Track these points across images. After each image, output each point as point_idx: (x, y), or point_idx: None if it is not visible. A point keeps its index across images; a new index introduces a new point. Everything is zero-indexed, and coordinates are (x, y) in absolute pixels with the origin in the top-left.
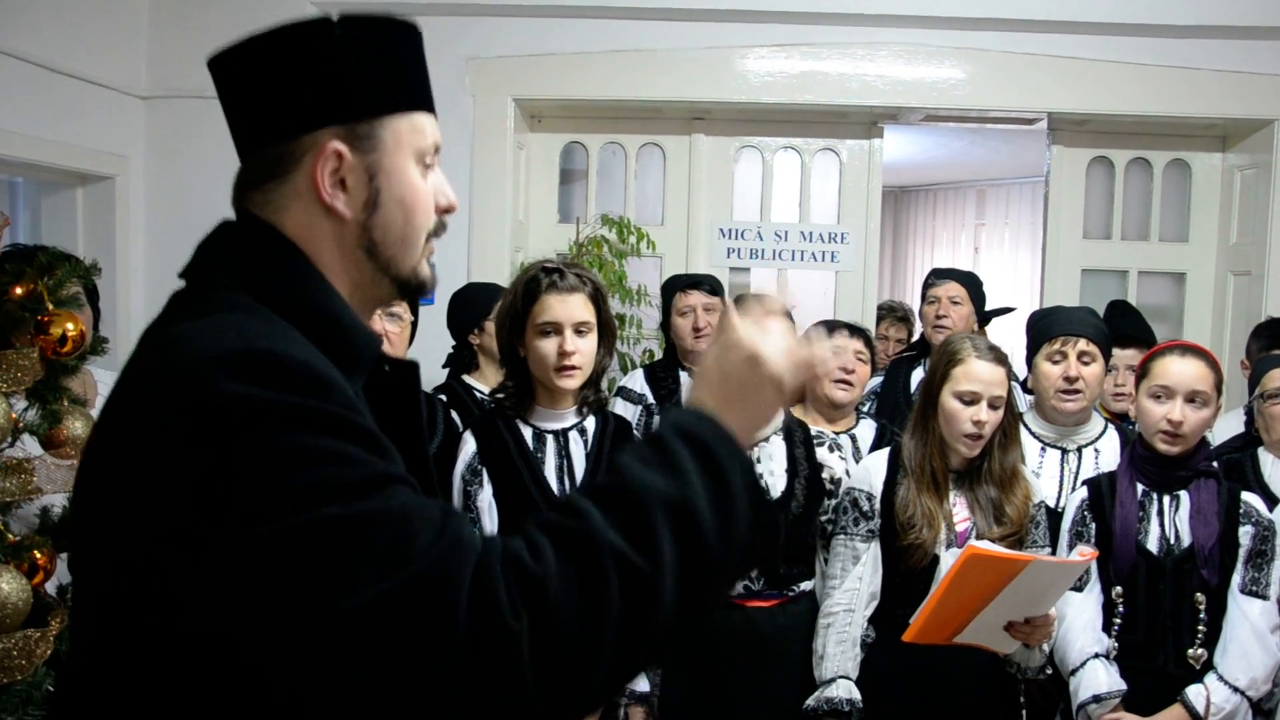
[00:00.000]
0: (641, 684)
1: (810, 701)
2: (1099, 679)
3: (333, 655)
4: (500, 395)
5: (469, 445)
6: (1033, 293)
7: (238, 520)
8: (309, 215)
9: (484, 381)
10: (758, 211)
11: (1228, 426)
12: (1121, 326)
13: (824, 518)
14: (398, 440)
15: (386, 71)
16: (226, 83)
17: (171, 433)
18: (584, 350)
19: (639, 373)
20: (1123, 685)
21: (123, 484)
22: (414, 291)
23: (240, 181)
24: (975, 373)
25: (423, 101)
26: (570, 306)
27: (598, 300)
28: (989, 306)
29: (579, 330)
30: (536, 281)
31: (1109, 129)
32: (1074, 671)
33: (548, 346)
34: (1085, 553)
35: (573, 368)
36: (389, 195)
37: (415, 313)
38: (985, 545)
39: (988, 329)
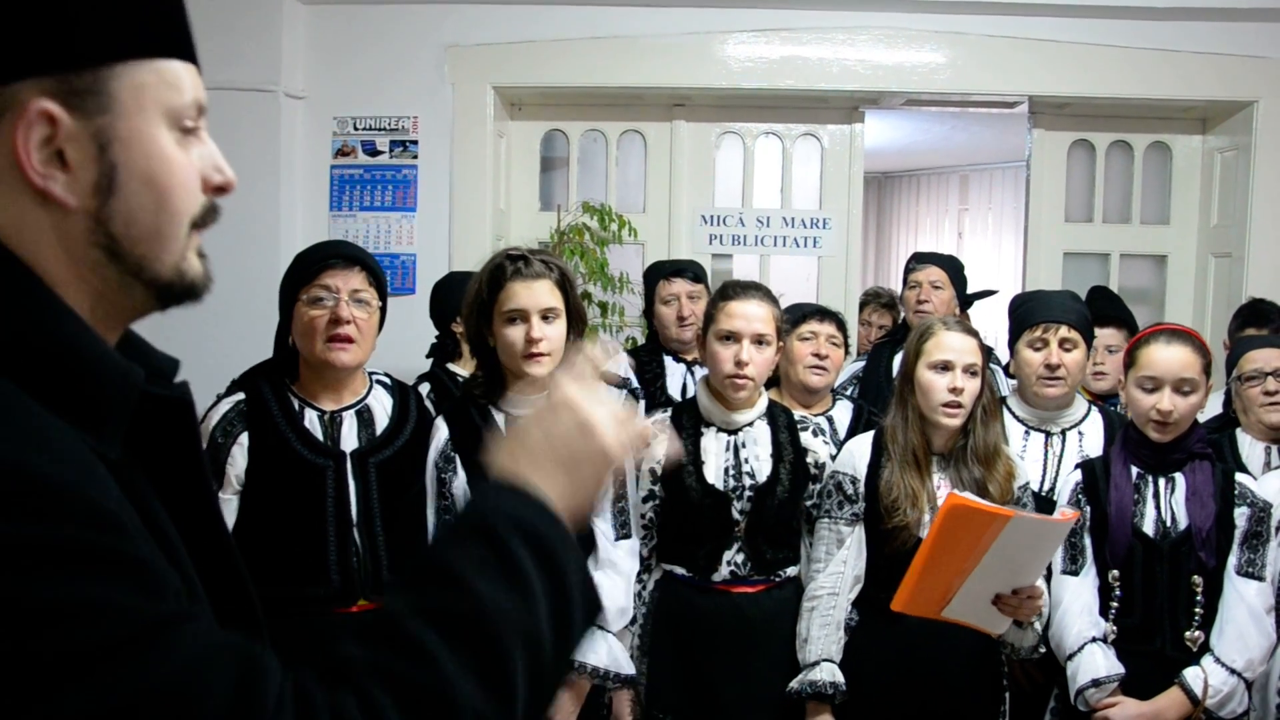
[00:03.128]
0: (627, 668)
1: (794, 685)
2: (1097, 663)
3: None
4: (472, 384)
5: (441, 432)
6: (1016, 277)
7: None
8: (16, 204)
9: (468, 369)
10: (739, 198)
11: (1210, 408)
12: (1102, 309)
13: (808, 502)
14: (179, 481)
15: (123, 2)
16: None
17: None
18: (552, 337)
19: (622, 358)
20: (1121, 669)
21: None
22: (179, 297)
23: None
24: (946, 342)
25: (177, 45)
26: (536, 293)
27: (565, 286)
28: (971, 290)
29: (546, 316)
30: (501, 269)
31: (1089, 112)
32: (1071, 656)
33: (515, 334)
34: (1066, 513)
35: (541, 354)
36: (130, 172)
37: (384, 298)
38: (967, 495)
39: (970, 313)
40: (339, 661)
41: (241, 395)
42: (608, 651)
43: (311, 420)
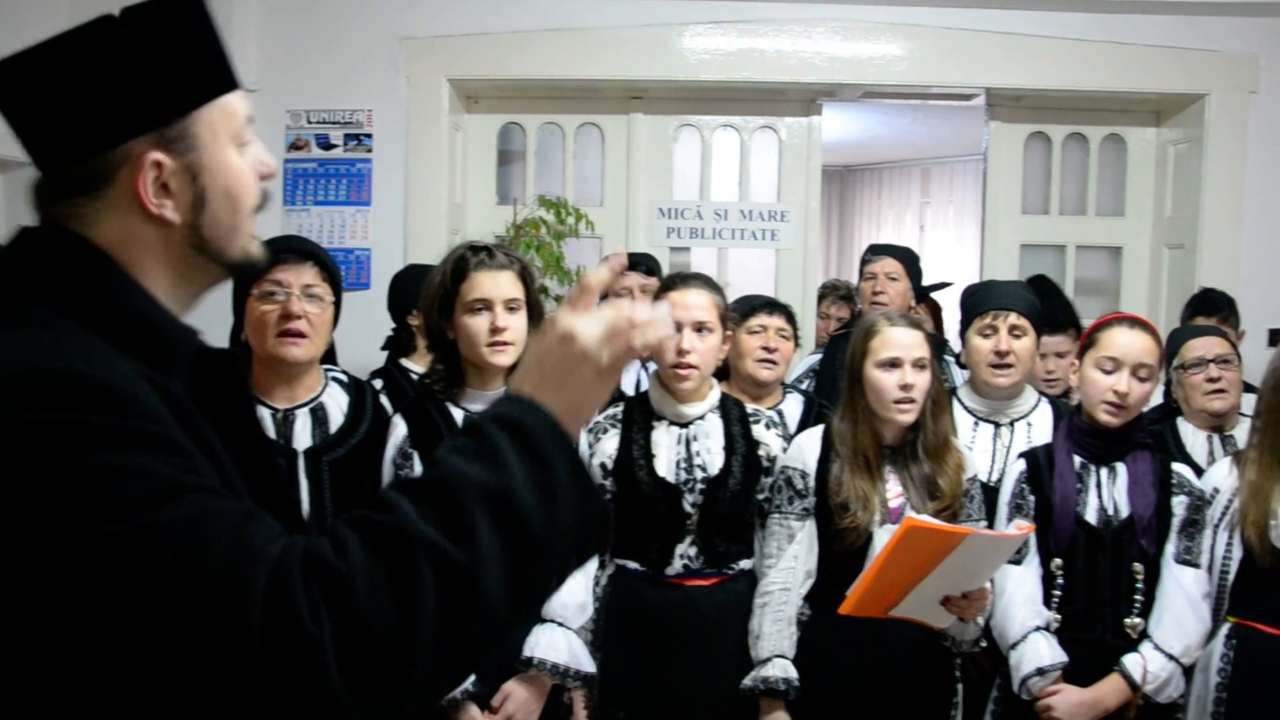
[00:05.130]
0: (588, 665)
1: (747, 681)
2: (1040, 652)
3: (133, 674)
4: (429, 379)
5: (399, 429)
6: (976, 269)
7: (25, 547)
8: (127, 224)
9: (422, 364)
10: (697, 190)
11: (1155, 397)
12: (1048, 309)
13: (761, 496)
14: (230, 428)
15: (187, 60)
16: (9, 95)
17: None
18: (515, 327)
19: None
20: (1064, 657)
21: None
22: (243, 270)
23: (42, 191)
24: (893, 339)
25: (228, 81)
26: (500, 283)
27: (526, 279)
28: (929, 282)
29: (510, 307)
30: (465, 260)
31: (1046, 104)
32: (1015, 645)
33: (479, 324)
34: (1022, 526)
35: (505, 343)
36: (215, 190)
37: (338, 294)
38: (924, 518)
39: (942, 305)
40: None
41: None
42: (568, 649)
43: (264, 418)
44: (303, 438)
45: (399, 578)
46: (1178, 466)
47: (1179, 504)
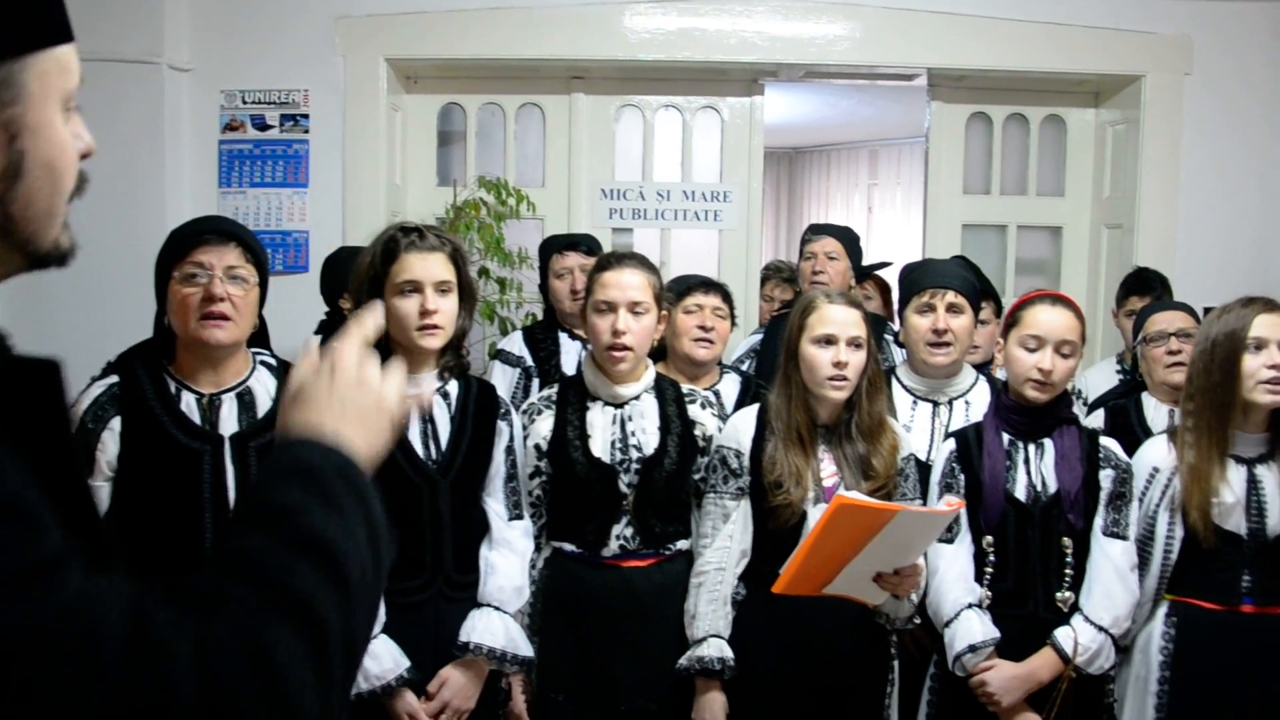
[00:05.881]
0: (525, 649)
1: (683, 661)
2: (973, 629)
3: None
4: None
5: None
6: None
7: None
8: None
9: None
10: (639, 171)
11: (1101, 375)
12: None
13: (697, 475)
14: (43, 449)
15: None
16: None
17: None
18: (446, 310)
19: (517, 335)
20: (996, 633)
21: None
22: (49, 264)
23: None
24: (829, 316)
25: (65, 30)
26: (431, 265)
27: (457, 261)
28: (872, 261)
29: (440, 289)
30: (395, 241)
31: (986, 85)
32: (948, 623)
33: (409, 306)
34: (952, 502)
35: (435, 326)
36: (36, 159)
37: (264, 275)
38: (854, 495)
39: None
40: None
41: (114, 378)
42: (505, 633)
43: (188, 403)
44: (229, 423)
45: (317, 660)
46: (1104, 440)
47: (1106, 478)
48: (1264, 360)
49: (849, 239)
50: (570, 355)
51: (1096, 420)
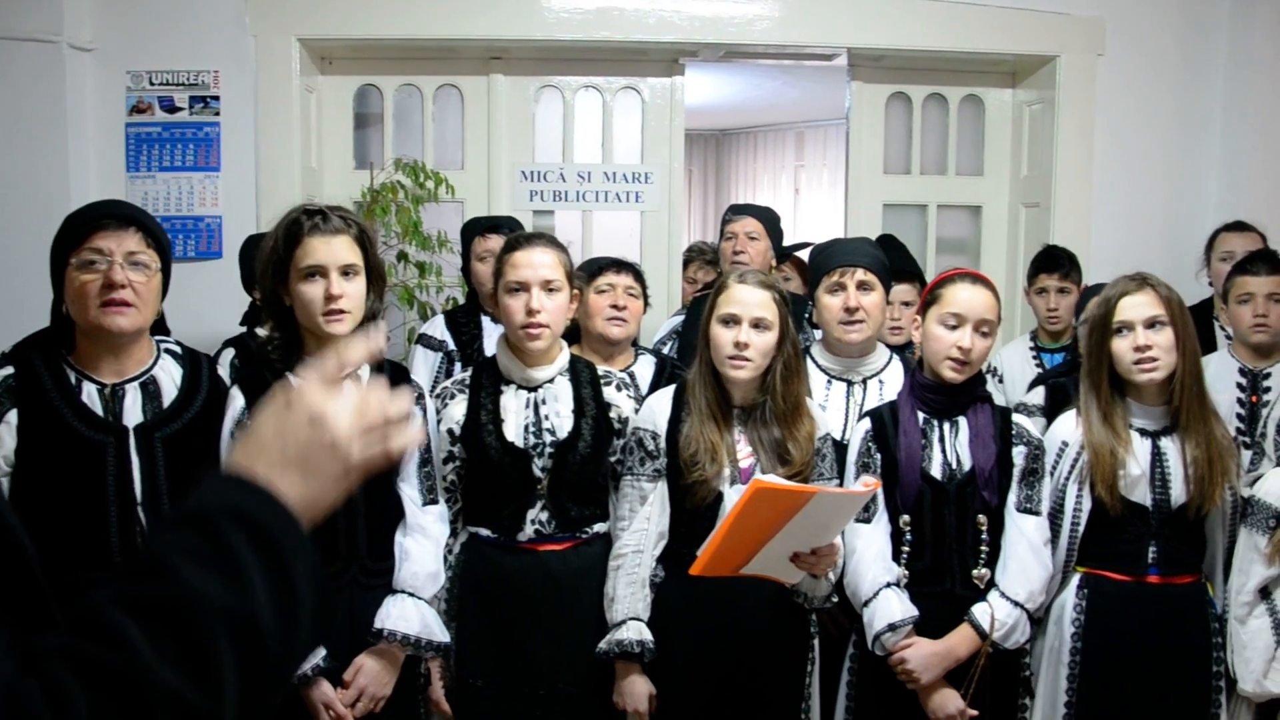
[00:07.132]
0: (441, 635)
1: (602, 645)
2: (892, 608)
3: None
4: (268, 348)
5: (237, 401)
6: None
7: None
8: None
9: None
10: (560, 153)
11: (1015, 353)
12: (892, 262)
13: (613, 458)
14: None
15: None
16: None
17: None
18: (352, 294)
19: (439, 319)
20: (915, 612)
21: None
22: None
23: None
24: (735, 296)
25: None
26: (335, 249)
27: (364, 243)
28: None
29: (346, 273)
30: (298, 224)
31: (905, 65)
32: (867, 603)
33: (314, 291)
34: (869, 483)
35: (340, 311)
36: None
37: (166, 261)
38: (771, 479)
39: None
40: (34, 650)
41: (10, 370)
42: (420, 619)
43: (90, 394)
44: (133, 413)
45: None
46: (1017, 417)
47: (1019, 454)
48: (1129, 343)
49: (769, 219)
50: (493, 339)
51: (1037, 397)
